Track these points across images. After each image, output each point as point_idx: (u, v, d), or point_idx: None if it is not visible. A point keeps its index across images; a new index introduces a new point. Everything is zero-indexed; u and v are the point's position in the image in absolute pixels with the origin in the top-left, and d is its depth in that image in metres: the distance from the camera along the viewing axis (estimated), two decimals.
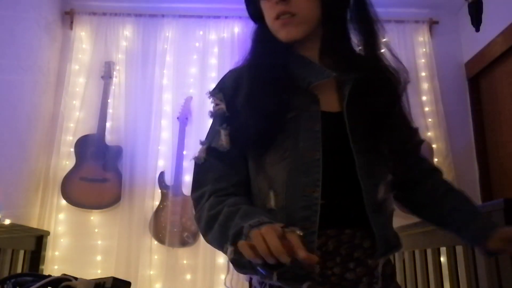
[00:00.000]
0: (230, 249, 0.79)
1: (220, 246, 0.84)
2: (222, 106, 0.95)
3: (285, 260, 0.66)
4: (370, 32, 0.98)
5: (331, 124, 0.91)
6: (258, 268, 0.72)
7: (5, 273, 2.02)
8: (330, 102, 0.94)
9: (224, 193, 0.90)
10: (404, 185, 1.03)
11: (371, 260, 0.90)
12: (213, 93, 0.98)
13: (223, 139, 0.91)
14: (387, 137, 0.94)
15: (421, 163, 1.09)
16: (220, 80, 1.01)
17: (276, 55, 0.97)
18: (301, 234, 0.70)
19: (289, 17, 0.94)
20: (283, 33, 0.95)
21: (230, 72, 1.02)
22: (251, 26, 1.23)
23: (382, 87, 0.97)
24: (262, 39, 1.01)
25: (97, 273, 2.66)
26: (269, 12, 0.97)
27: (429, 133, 3.09)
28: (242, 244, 0.70)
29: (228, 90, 0.97)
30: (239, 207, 0.84)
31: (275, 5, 0.94)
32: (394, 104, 0.98)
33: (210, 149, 0.93)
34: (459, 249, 1.66)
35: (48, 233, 2.53)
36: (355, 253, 0.89)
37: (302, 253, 0.66)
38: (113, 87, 3.04)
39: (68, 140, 2.94)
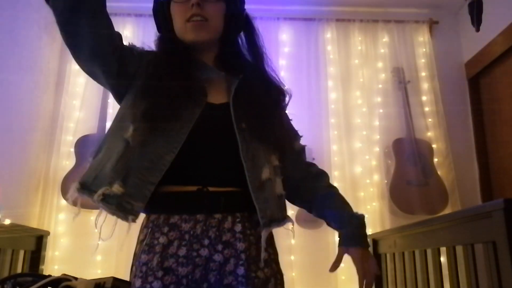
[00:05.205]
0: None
1: None
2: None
3: None
4: (258, 53, 1.15)
5: (213, 112, 1.02)
6: None
7: (5, 273, 2.02)
8: (216, 96, 1.06)
9: None
10: (293, 183, 1.14)
11: (240, 243, 0.97)
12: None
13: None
14: (271, 130, 1.07)
15: (310, 165, 1.22)
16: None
17: (179, 55, 1.07)
18: None
19: (201, 20, 1.05)
20: (192, 34, 1.06)
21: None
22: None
23: (266, 90, 1.12)
24: (167, 42, 1.11)
25: (97, 273, 2.65)
26: (181, 15, 1.07)
27: (429, 133, 3.08)
28: None
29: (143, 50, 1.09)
30: None
31: (189, 8, 1.04)
32: (276, 106, 1.14)
33: None
34: (459, 249, 1.66)
35: (48, 233, 2.52)
36: (223, 236, 0.97)
37: None
38: None
39: (68, 140, 2.94)
